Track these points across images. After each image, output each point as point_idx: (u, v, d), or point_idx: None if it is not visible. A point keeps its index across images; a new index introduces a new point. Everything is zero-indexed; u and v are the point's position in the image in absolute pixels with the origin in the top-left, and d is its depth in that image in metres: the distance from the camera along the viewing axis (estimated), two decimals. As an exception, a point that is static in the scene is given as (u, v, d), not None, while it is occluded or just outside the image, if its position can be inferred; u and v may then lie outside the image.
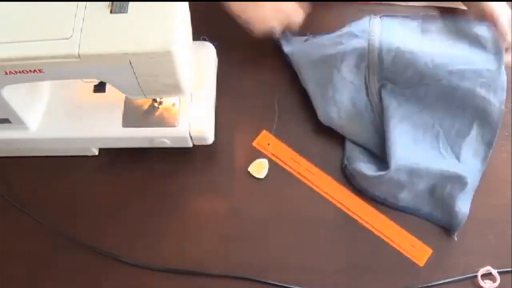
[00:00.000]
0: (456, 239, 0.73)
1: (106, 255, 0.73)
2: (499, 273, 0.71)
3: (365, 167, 0.75)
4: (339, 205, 0.76)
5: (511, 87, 0.84)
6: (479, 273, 0.71)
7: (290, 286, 0.71)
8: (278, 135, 0.80)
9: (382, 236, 0.74)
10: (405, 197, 0.75)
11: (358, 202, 0.76)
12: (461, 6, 0.85)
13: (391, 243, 0.73)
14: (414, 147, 0.75)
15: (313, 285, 0.71)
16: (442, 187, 0.74)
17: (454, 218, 0.73)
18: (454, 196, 0.74)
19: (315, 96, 0.79)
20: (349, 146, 0.78)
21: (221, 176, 0.78)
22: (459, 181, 0.74)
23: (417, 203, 0.75)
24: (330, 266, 0.72)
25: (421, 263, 0.72)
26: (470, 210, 0.74)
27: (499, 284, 0.71)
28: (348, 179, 0.77)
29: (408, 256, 0.72)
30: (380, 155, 0.76)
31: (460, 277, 0.71)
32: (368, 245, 0.73)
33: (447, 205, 0.74)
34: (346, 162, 0.77)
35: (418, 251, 0.73)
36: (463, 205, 0.74)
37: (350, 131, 0.78)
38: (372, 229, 0.74)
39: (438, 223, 0.75)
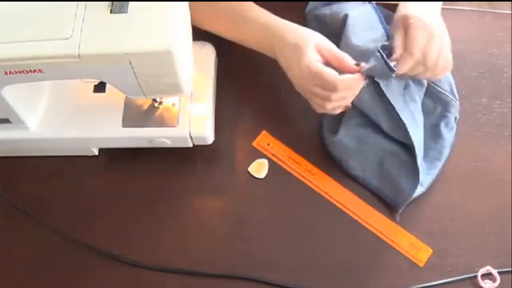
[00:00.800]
0: (397, 219, 0.74)
1: (106, 255, 0.73)
2: (499, 273, 0.71)
3: (329, 123, 0.78)
4: (339, 205, 0.76)
5: (511, 87, 0.84)
6: (479, 273, 0.71)
7: (290, 286, 0.71)
8: (278, 135, 0.80)
9: (382, 236, 0.73)
10: (355, 166, 0.76)
11: (358, 202, 0.76)
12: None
13: (391, 243, 0.73)
14: (376, 111, 0.75)
15: (312, 285, 0.71)
16: (391, 162, 0.75)
17: (398, 196, 0.74)
18: (401, 173, 0.75)
19: None
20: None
21: (221, 176, 0.78)
22: (408, 159, 0.75)
23: (367, 174, 0.76)
24: (330, 266, 0.72)
25: (421, 263, 0.72)
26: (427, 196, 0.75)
27: (499, 284, 0.71)
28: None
29: (408, 256, 0.72)
30: None
31: (460, 277, 0.71)
32: (368, 245, 0.73)
33: (393, 182, 0.75)
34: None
35: (418, 251, 0.72)
36: (409, 185, 0.74)
37: None
38: (372, 229, 0.74)
39: (385, 199, 0.75)
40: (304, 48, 0.68)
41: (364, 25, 0.77)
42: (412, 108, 0.75)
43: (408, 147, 0.76)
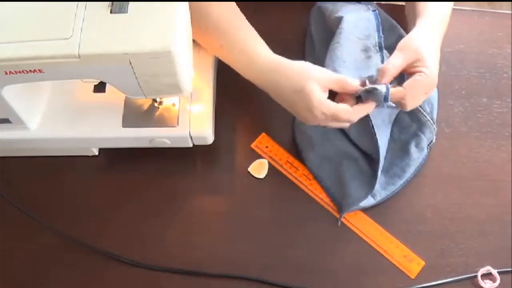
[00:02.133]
0: (339, 223, 0.74)
1: (106, 255, 0.73)
2: (499, 273, 0.71)
3: None
4: (334, 212, 0.75)
5: (511, 87, 0.84)
6: (479, 273, 0.71)
7: (290, 286, 0.71)
8: (277, 138, 0.80)
9: (375, 246, 0.73)
10: (313, 160, 0.77)
11: (353, 211, 0.75)
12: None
13: (383, 253, 0.73)
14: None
15: (312, 285, 0.71)
16: (347, 166, 0.75)
17: (344, 200, 0.74)
18: (354, 179, 0.74)
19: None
20: None
21: (221, 176, 0.78)
22: (366, 169, 0.75)
23: (322, 171, 0.76)
24: (329, 268, 0.72)
25: (413, 275, 0.71)
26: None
27: (499, 284, 0.71)
28: None
29: (400, 267, 0.72)
30: None
31: (460, 277, 0.71)
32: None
33: (344, 185, 0.74)
34: None
35: (410, 263, 0.72)
36: (357, 193, 0.73)
37: None
38: (366, 238, 0.73)
39: (333, 201, 0.75)
40: (309, 93, 0.66)
41: (360, 33, 0.76)
42: (384, 120, 0.74)
43: (369, 158, 0.76)
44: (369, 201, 0.74)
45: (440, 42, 0.72)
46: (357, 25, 0.76)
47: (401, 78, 0.69)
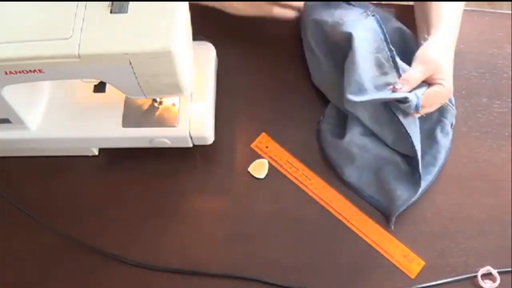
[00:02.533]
0: (392, 227, 0.74)
1: (106, 255, 0.73)
2: (499, 273, 0.71)
3: (330, 128, 0.78)
4: (334, 212, 0.75)
5: (511, 87, 0.84)
6: (479, 273, 0.71)
7: (290, 286, 0.71)
8: (277, 138, 0.80)
9: (375, 246, 0.73)
10: (351, 173, 0.76)
11: (354, 211, 0.75)
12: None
13: (383, 253, 0.73)
14: (382, 123, 0.75)
15: (312, 285, 0.71)
16: (389, 170, 0.75)
17: (392, 204, 0.74)
18: (398, 181, 0.74)
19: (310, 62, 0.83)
20: (330, 106, 0.80)
21: (221, 176, 0.78)
22: (407, 168, 0.75)
23: (362, 181, 0.76)
24: (329, 268, 0.72)
25: (413, 275, 0.71)
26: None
27: (499, 284, 0.71)
28: (317, 136, 0.80)
29: (400, 267, 0.72)
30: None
31: (460, 277, 0.71)
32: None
33: (389, 190, 0.74)
34: (321, 118, 0.79)
35: (410, 263, 0.72)
36: (405, 194, 0.73)
37: (332, 96, 0.80)
38: (366, 238, 0.73)
39: (379, 208, 0.75)
40: None
41: (371, 46, 0.75)
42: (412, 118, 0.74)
43: (408, 157, 0.76)
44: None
45: (453, 54, 0.74)
46: (366, 38, 0.76)
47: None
